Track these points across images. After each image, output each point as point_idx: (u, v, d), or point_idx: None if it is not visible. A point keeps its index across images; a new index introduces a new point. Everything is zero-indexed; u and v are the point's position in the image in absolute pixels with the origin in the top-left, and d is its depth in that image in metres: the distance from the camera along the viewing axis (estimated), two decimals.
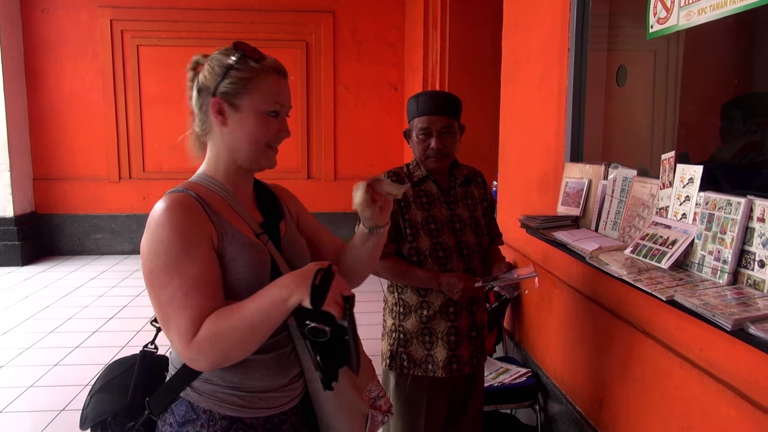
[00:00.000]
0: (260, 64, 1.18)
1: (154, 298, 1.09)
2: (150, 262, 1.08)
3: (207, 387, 1.15)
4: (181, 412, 1.15)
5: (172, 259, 1.07)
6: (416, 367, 1.90)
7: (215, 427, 1.14)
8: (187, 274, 1.07)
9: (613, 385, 1.95)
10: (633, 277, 1.54)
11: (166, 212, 1.10)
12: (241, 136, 1.18)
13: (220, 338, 1.05)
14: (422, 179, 1.92)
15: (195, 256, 1.08)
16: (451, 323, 1.89)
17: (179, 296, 1.06)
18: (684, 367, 1.54)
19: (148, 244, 1.09)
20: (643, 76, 2.48)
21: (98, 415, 1.20)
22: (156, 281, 1.08)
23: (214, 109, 1.18)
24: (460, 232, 1.91)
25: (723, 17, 1.46)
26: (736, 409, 1.34)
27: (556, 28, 2.54)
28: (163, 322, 1.08)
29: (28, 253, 6.27)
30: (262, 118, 1.18)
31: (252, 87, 1.17)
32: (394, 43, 6.76)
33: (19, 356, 3.79)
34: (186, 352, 1.05)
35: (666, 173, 1.67)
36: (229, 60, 1.16)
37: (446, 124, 1.85)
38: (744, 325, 1.19)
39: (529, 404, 2.59)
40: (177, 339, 1.06)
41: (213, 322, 1.05)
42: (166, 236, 1.08)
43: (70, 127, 6.54)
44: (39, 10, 6.36)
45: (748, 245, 1.33)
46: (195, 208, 1.13)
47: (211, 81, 1.17)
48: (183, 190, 1.16)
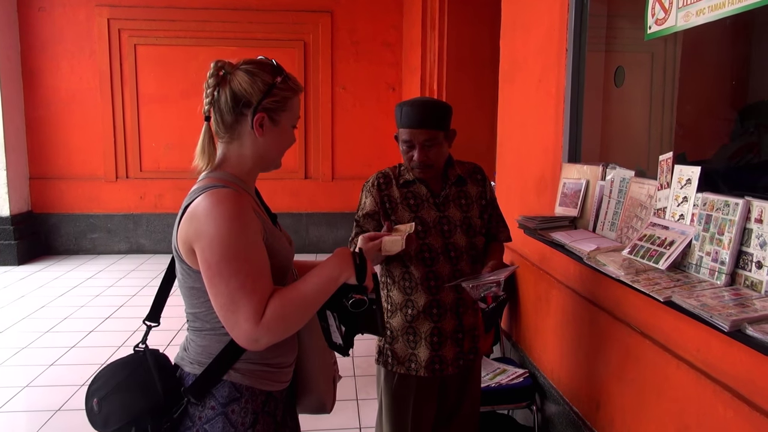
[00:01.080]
0: (295, 84, 1.33)
1: (223, 284, 1.16)
2: (219, 250, 1.16)
3: (248, 366, 1.27)
4: (224, 393, 1.25)
5: (241, 248, 1.17)
6: (399, 365, 1.91)
7: (256, 402, 1.28)
8: (253, 261, 1.18)
9: (610, 386, 1.95)
10: (630, 277, 1.54)
11: (226, 202, 1.18)
12: (274, 146, 1.32)
13: (286, 317, 1.18)
14: (411, 181, 1.90)
15: (259, 244, 1.21)
16: (435, 324, 1.88)
17: (249, 282, 1.16)
18: (681, 368, 1.54)
19: (212, 233, 1.16)
20: (640, 77, 2.48)
21: (130, 413, 1.24)
22: (226, 269, 1.16)
23: (257, 123, 1.27)
24: (448, 234, 1.88)
25: (721, 18, 1.46)
26: (734, 410, 1.34)
27: (554, 29, 2.54)
28: (230, 307, 1.16)
29: (24, 253, 6.25)
30: (290, 132, 1.35)
31: (289, 105, 1.31)
32: (392, 43, 6.76)
33: (14, 356, 3.77)
34: (254, 333, 1.15)
35: (664, 174, 1.67)
36: (274, 80, 1.28)
37: (429, 137, 1.80)
38: (741, 326, 1.19)
39: (526, 405, 2.59)
40: (245, 321, 1.15)
41: (280, 304, 1.18)
42: (233, 226, 1.17)
43: (66, 126, 6.52)
44: (36, 9, 6.34)
45: (745, 246, 1.34)
46: (248, 201, 1.25)
47: (255, 96, 1.26)
48: (227, 186, 1.23)
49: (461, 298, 1.90)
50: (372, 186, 1.90)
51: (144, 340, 1.34)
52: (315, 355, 1.43)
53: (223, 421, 1.24)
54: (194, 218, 1.19)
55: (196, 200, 1.20)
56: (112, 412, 1.25)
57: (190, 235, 1.20)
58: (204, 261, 1.17)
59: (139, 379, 1.27)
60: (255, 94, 1.25)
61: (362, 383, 3.40)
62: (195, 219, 1.19)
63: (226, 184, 1.24)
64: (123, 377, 1.28)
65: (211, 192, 1.20)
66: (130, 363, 1.31)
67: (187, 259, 1.23)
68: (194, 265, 1.22)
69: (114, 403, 1.25)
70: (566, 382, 2.34)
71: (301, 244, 6.75)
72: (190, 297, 1.28)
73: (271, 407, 1.32)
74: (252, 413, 1.27)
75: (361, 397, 3.24)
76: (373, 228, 1.88)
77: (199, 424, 1.25)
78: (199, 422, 1.25)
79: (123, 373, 1.29)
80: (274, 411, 1.33)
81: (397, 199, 1.88)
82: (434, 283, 1.87)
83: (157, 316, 1.39)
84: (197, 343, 1.29)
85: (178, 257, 1.26)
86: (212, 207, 1.17)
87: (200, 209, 1.18)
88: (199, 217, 1.18)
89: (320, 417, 1.57)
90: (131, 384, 1.27)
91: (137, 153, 6.65)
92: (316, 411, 1.52)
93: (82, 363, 3.64)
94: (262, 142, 1.29)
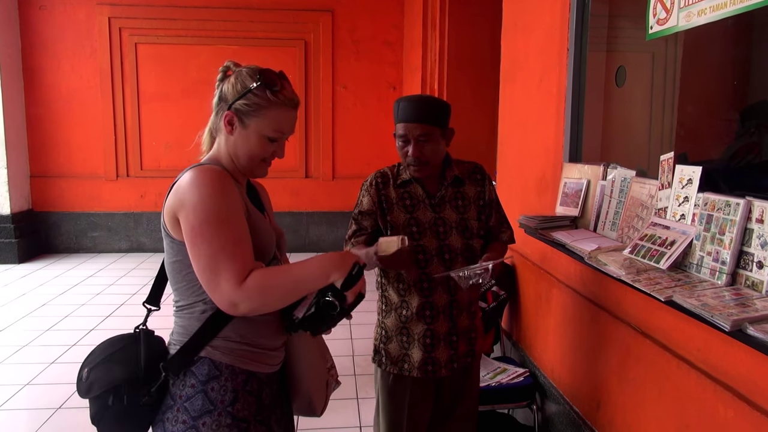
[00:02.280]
0: (276, 96, 1.31)
1: (205, 246, 1.20)
2: (201, 214, 1.21)
3: (226, 344, 1.29)
4: (203, 371, 1.28)
5: (222, 213, 1.22)
6: (393, 365, 1.91)
7: (237, 380, 1.30)
8: (234, 227, 1.23)
9: (610, 385, 1.95)
10: (631, 277, 1.54)
11: (209, 174, 1.24)
12: (242, 150, 1.34)
13: (266, 289, 1.21)
14: (407, 181, 1.89)
15: (239, 214, 1.25)
16: (427, 326, 1.87)
17: (230, 245, 1.20)
18: (682, 368, 1.54)
19: (195, 200, 1.21)
20: (642, 77, 2.48)
21: (110, 381, 1.27)
22: (207, 230, 1.20)
23: (225, 119, 1.33)
24: (444, 236, 1.86)
25: (722, 19, 1.47)
26: (734, 409, 1.34)
27: (555, 29, 2.55)
28: (211, 268, 1.19)
29: (24, 251, 6.25)
30: (263, 140, 1.33)
31: (263, 114, 1.31)
32: (392, 42, 6.75)
33: (15, 354, 3.77)
34: (232, 295, 1.18)
35: (665, 174, 1.67)
36: (251, 84, 1.30)
37: (424, 132, 1.78)
38: (743, 326, 1.19)
39: (526, 404, 2.59)
40: (226, 282, 1.18)
41: (263, 274, 1.21)
42: (214, 193, 1.22)
43: (67, 125, 6.52)
44: (37, 7, 6.34)
45: (746, 246, 1.34)
46: (229, 179, 1.29)
47: (231, 94, 1.32)
48: (212, 164, 1.30)
49: (455, 300, 1.88)
50: (370, 185, 1.90)
51: (144, 322, 1.37)
52: (305, 353, 1.46)
53: (202, 399, 1.27)
54: (179, 189, 1.25)
55: (182, 176, 1.27)
56: (96, 380, 1.29)
57: (174, 205, 1.25)
58: (187, 225, 1.22)
59: (127, 353, 1.31)
60: (232, 94, 1.32)
61: (362, 382, 3.40)
62: (179, 190, 1.25)
63: (211, 164, 1.32)
64: (113, 351, 1.32)
65: (196, 168, 1.27)
66: (124, 339, 1.35)
67: (172, 230, 1.28)
68: (178, 236, 1.27)
69: (98, 372, 1.29)
70: (567, 381, 2.34)
71: (301, 243, 6.75)
72: (173, 272, 1.32)
73: (254, 387, 1.33)
74: (232, 391, 1.29)
75: (361, 396, 3.24)
76: (370, 226, 1.89)
77: (179, 402, 1.28)
78: (179, 401, 1.28)
79: (115, 347, 1.33)
80: (258, 392, 1.34)
81: (393, 200, 1.87)
82: (427, 285, 1.86)
83: (157, 300, 1.43)
84: (179, 323, 1.33)
85: (165, 232, 1.31)
86: (195, 177, 1.24)
87: (184, 181, 1.25)
88: (184, 187, 1.24)
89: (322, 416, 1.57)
90: (118, 356, 1.31)
91: (138, 151, 6.65)
92: (305, 413, 1.53)
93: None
94: (232, 141, 1.34)
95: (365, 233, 1.90)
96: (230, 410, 1.28)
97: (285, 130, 1.35)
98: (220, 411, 1.27)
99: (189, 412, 1.27)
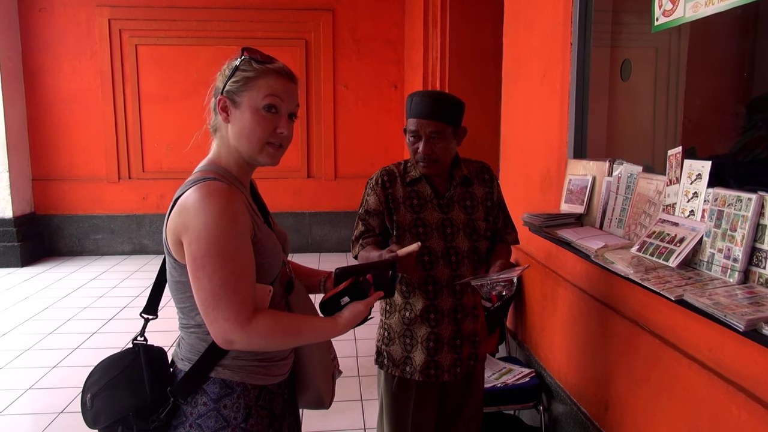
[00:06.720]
0: (263, 65, 1.26)
1: (206, 279, 1.15)
2: (205, 245, 1.15)
3: (237, 362, 1.26)
4: (215, 390, 1.25)
5: (228, 245, 1.15)
6: (395, 368, 1.88)
7: (249, 396, 1.27)
8: (239, 260, 1.17)
9: (619, 386, 1.91)
10: (640, 276, 1.51)
11: (217, 197, 1.17)
12: (240, 132, 1.26)
13: (270, 336, 1.20)
14: (416, 180, 1.85)
15: (246, 243, 1.19)
16: (431, 329, 1.84)
17: (233, 281, 1.15)
18: (692, 368, 1.50)
19: (200, 227, 1.15)
20: (647, 72, 2.45)
21: (117, 412, 1.23)
22: (210, 264, 1.15)
23: (219, 106, 1.27)
24: (450, 237, 1.83)
25: (729, 9, 1.43)
26: (748, 411, 1.30)
27: (558, 24, 2.51)
28: (212, 303, 1.15)
29: (27, 254, 6.24)
30: (258, 114, 1.25)
31: (252, 85, 1.24)
32: (393, 40, 6.72)
33: (18, 358, 3.76)
34: (230, 333, 1.15)
35: (673, 169, 1.63)
36: (236, 62, 1.27)
37: (436, 129, 1.74)
38: (758, 326, 1.15)
39: (532, 405, 2.56)
40: (226, 320, 1.15)
41: (271, 319, 1.20)
42: (222, 221, 1.15)
43: (68, 127, 6.51)
44: (37, 9, 6.33)
45: (759, 242, 1.30)
46: (239, 196, 1.22)
47: (221, 81, 1.28)
48: (219, 179, 1.22)
49: (460, 304, 1.85)
50: (376, 184, 1.86)
51: (142, 332, 1.33)
52: (313, 351, 1.43)
53: (215, 417, 1.24)
54: (183, 210, 1.18)
55: (186, 193, 1.20)
56: (102, 409, 1.25)
57: (178, 228, 1.19)
58: (190, 254, 1.17)
59: (129, 376, 1.26)
60: (221, 81, 1.28)
61: (366, 383, 3.37)
62: (184, 211, 1.18)
63: (217, 177, 1.23)
64: (115, 374, 1.28)
65: (201, 185, 1.19)
66: (123, 359, 1.30)
67: (175, 252, 1.22)
68: (181, 259, 1.21)
69: (104, 401, 1.25)
70: (574, 382, 2.30)
71: (304, 244, 6.73)
72: (177, 291, 1.27)
73: (267, 400, 1.31)
74: (245, 408, 1.26)
75: (365, 397, 3.21)
76: (378, 226, 1.85)
77: (191, 419, 1.25)
78: (191, 417, 1.25)
79: (116, 369, 1.29)
80: (270, 404, 1.32)
81: (400, 199, 1.83)
82: (432, 287, 1.82)
83: (154, 309, 1.38)
84: (186, 340, 1.29)
85: (167, 250, 1.25)
86: (201, 200, 1.16)
87: (190, 202, 1.17)
88: (188, 210, 1.17)
89: (325, 417, 1.55)
90: (121, 381, 1.26)
91: (139, 153, 6.64)
92: (314, 406, 1.51)
93: (86, 365, 3.62)
94: (232, 130, 1.27)
95: (373, 234, 1.85)
96: (244, 426, 1.26)
97: (280, 96, 1.25)
98: (233, 427, 1.25)
99: (202, 429, 1.24)
